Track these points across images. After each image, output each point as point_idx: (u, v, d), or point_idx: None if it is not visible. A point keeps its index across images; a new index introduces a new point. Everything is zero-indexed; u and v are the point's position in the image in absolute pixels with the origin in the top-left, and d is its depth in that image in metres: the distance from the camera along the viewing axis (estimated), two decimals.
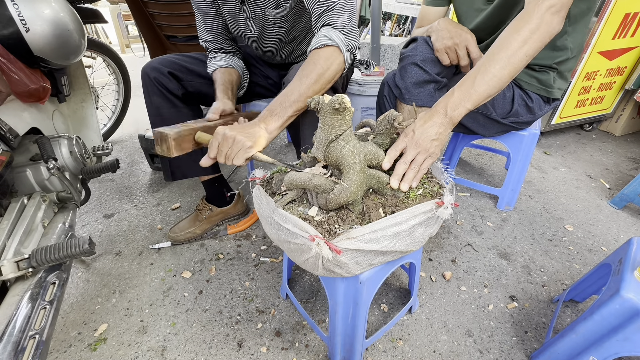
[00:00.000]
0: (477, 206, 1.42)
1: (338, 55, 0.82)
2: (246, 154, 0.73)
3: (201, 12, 1.04)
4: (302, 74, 0.80)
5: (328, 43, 0.81)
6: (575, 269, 1.12)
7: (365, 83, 1.59)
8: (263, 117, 0.79)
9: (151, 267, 1.15)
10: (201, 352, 0.88)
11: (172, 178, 1.17)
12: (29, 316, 0.62)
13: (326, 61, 0.81)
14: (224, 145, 0.73)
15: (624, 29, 1.67)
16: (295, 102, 0.79)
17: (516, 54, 0.70)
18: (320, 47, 0.81)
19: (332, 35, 0.81)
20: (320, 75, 0.80)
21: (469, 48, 0.93)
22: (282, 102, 0.79)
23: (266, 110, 0.80)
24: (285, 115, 0.79)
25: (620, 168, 1.74)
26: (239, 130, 0.74)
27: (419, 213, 0.60)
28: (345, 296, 0.70)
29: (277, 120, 0.79)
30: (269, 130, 0.78)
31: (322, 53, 0.81)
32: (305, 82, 0.79)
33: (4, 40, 0.81)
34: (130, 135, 2.15)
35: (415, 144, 0.68)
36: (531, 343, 0.89)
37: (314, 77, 0.79)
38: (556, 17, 0.71)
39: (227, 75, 1.03)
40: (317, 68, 0.80)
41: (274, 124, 0.79)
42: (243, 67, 1.13)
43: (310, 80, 0.79)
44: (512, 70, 0.71)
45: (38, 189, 0.89)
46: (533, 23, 0.70)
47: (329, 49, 0.81)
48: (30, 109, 0.95)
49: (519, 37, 0.70)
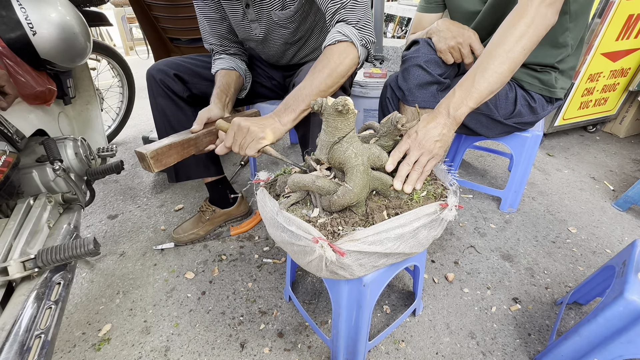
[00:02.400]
0: (480, 208, 1.42)
1: (352, 50, 0.82)
2: (258, 144, 0.75)
3: (206, 17, 1.05)
4: (315, 69, 0.81)
5: (341, 39, 0.81)
6: (578, 271, 1.11)
7: (367, 85, 1.60)
8: (277, 111, 0.81)
9: (155, 267, 1.15)
10: (204, 353, 0.88)
11: (176, 179, 1.18)
12: (34, 316, 0.63)
13: (339, 56, 0.81)
14: (239, 135, 0.76)
15: (628, 31, 1.66)
16: (308, 95, 0.80)
17: (514, 48, 0.70)
18: (334, 43, 0.82)
19: (345, 31, 0.82)
20: (333, 70, 0.80)
21: (472, 46, 0.93)
22: (295, 97, 0.81)
23: (281, 105, 0.82)
24: (298, 109, 0.80)
25: (624, 170, 1.73)
26: (253, 121, 0.76)
27: (423, 215, 0.60)
28: (348, 299, 0.70)
29: (290, 114, 0.81)
30: (283, 123, 0.80)
31: (336, 48, 0.82)
32: (318, 76, 0.80)
33: (11, 43, 0.83)
34: (134, 137, 2.17)
35: (419, 145, 0.68)
36: (534, 345, 0.89)
37: (327, 71, 0.80)
38: (550, 9, 0.71)
39: (226, 78, 1.03)
40: (330, 63, 0.81)
41: (287, 117, 0.80)
42: (245, 69, 1.14)
43: (323, 74, 0.80)
44: (511, 65, 0.71)
45: (44, 190, 0.90)
46: (528, 17, 0.71)
47: (343, 44, 0.82)
48: (37, 111, 0.96)
49: (515, 31, 0.71)
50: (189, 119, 1.09)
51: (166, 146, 0.79)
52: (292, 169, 0.76)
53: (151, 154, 0.76)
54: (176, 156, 0.83)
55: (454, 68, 1.00)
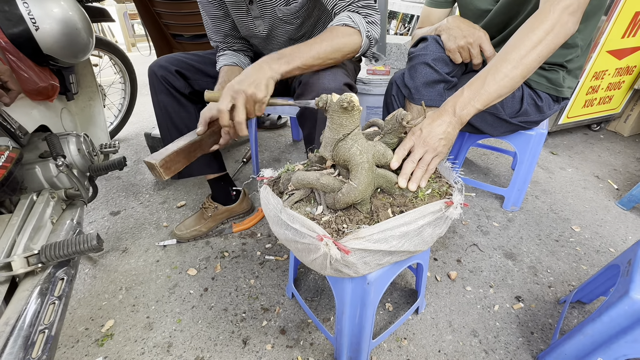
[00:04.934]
0: (483, 206, 1.42)
1: (357, 37, 0.82)
2: (263, 104, 0.75)
3: (209, 15, 1.05)
4: (319, 38, 0.79)
5: (350, 24, 0.81)
6: (582, 270, 1.11)
7: (370, 82, 1.59)
8: (268, 59, 0.77)
9: (157, 264, 1.15)
10: (206, 349, 0.88)
11: (178, 176, 1.17)
12: (38, 311, 0.63)
13: (345, 36, 0.81)
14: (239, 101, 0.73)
15: (634, 28, 1.65)
16: (305, 55, 0.77)
17: (529, 54, 0.69)
18: (341, 25, 0.81)
19: (355, 18, 0.81)
20: (335, 45, 0.79)
21: (482, 46, 0.91)
22: (292, 51, 0.78)
23: (275, 53, 0.78)
24: (292, 63, 0.77)
25: (628, 169, 1.72)
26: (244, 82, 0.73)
27: (428, 213, 0.60)
28: (352, 297, 0.70)
29: (284, 65, 0.77)
30: (274, 70, 0.76)
31: (343, 29, 0.81)
32: (320, 45, 0.78)
33: (14, 38, 0.82)
34: (137, 133, 2.17)
35: (423, 143, 0.68)
36: (537, 344, 0.89)
37: (329, 44, 0.79)
38: (572, 17, 0.70)
39: (228, 74, 1.02)
40: (335, 39, 0.80)
41: (280, 67, 0.77)
42: (249, 63, 1.13)
43: (325, 45, 0.78)
44: (524, 71, 0.70)
45: (47, 185, 0.90)
46: (548, 23, 0.69)
47: (350, 29, 0.81)
48: (39, 106, 0.96)
49: (533, 36, 0.69)
50: (190, 116, 1.09)
51: (173, 153, 0.80)
52: (295, 167, 0.75)
53: (160, 162, 0.77)
54: (184, 161, 0.83)
55: (461, 67, 0.99)
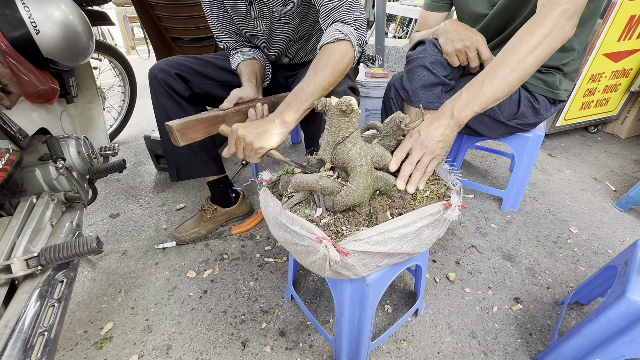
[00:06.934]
0: (481, 208, 1.42)
1: (350, 49, 0.84)
2: (257, 154, 0.76)
3: (215, 17, 1.06)
4: (317, 67, 0.81)
5: (341, 37, 0.82)
6: (580, 272, 1.12)
7: (369, 85, 1.60)
8: (280, 111, 0.81)
9: (156, 266, 1.15)
10: (206, 352, 0.88)
11: (178, 178, 1.18)
12: (37, 314, 0.63)
13: (340, 54, 0.82)
14: (239, 144, 0.76)
15: (630, 31, 1.66)
16: (311, 94, 0.80)
17: (527, 58, 0.70)
18: (334, 42, 0.82)
19: (344, 30, 0.83)
20: (334, 68, 0.81)
21: (479, 50, 0.92)
22: (298, 95, 0.80)
23: (283, 104, 0.82)
24: (301, 108, 0.80)
25: (625, 170, 1.73)
26: (250, 128, 0.75)
27: (426, 215, 0.60)
28: (351, 298, 0.70)
29: (294, 113, 0.80)
30: (286, 123, 0.79)
31: (336, 47, 0.82)
32: (320, 75, 0.80)
33: (14, 41, 0.83)
34: (136, 136, 2.17)
35: (421, 145, 0.69)
36: (536, 345, 0.89)
37: (329, 69, 0.81)
38: (569, 22, 0.71)
39: (250, 67, 1.05)
40: (331, 61, 0.81)
41: (290, 117, 0.80)
42: (265, 58, 1.15)
43: (326, 73, 0.80)
44: (522, 74, 0.71)
45: (46, 188, 0.90)
46: (546, 27, 0.70)
47: (342, 43, 0.83)
48: (39, 109, 0.96)
49: (531, 40, 0.70)
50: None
51: (193, 121, 0.82)
52: (295, 169, 0.76)
53: (177, 126, 0.79)
54: (202, 132, 0.84)
55: (458, 70, 1.00)
